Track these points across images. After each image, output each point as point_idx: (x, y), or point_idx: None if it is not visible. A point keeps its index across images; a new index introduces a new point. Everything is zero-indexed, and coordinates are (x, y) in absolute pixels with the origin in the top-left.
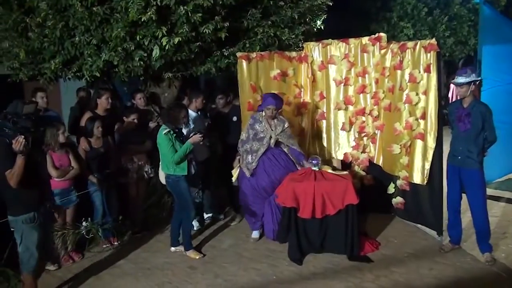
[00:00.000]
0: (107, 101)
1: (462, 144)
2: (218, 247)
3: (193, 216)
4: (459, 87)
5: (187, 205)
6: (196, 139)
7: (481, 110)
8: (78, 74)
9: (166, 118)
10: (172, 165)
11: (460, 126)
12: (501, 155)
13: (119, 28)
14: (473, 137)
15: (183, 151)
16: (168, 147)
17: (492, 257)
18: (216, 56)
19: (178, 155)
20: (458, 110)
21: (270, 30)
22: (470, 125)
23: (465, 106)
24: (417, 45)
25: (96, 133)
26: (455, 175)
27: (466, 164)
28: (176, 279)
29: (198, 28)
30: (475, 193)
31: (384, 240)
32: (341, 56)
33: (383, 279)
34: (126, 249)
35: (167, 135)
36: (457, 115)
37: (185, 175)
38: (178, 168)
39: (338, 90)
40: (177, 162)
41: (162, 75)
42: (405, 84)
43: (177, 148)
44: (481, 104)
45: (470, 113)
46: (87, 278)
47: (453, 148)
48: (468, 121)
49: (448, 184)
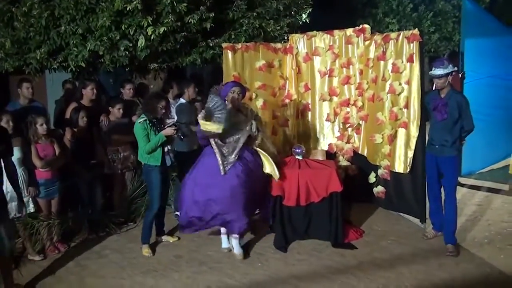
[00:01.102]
0: (92, 91)
1: (439, 133)
2: (203, 236)
3: (156, 210)
4: (437, 78)
5: (154, 197)
6: (169, 131)
7: (458, 100)
8: (64, 64)
9: (145, 108)
10: (146, 155)
11: (437, 116)
12: (483, 146)
13: (105, 17)
14: (449, 126)
15: (154, 142)
16: (142, 136)
17: (453, 248)
18: (202, 47)
19: (150, 145)
20: (436, 100)
21: (256, 22)
22: (447, 114)
23: (442, 96)
24: (400, 36)
25: (81, 123)
26: (432, 163)
27: (443, 152)
28: (161, 267)
29: (183, 18)
30: (448, 180)
31: (368, 228)
32: (326, 47)
33: (366, 264)
34: (111, 240)
35: (143, 124)
36: (434, 105)
37: (159, 166)
38: (152, 158)
39: (322, 81)
40: (149, 152)
41: (147, 66)
42: (388, 74)
43: (151, 138)
44: (457, 94)
45: (447, 103)
46: (73, 267)
47: (431, 137)
48: (445, 111)
49: (427, 172)
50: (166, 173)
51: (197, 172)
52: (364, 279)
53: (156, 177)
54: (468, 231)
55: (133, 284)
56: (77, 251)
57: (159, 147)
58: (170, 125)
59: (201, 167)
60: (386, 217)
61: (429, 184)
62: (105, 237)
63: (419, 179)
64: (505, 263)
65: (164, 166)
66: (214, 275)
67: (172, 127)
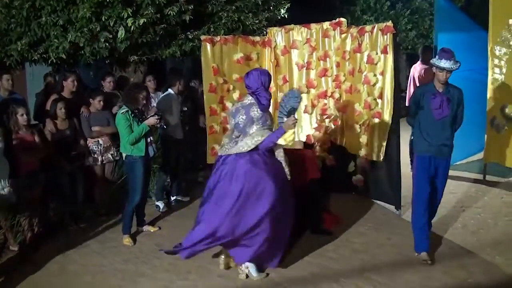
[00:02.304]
0: (73, 83)
1: (438, 132)
2: (184, 227)
3: (137, 201)
4: (446, 72)
5: (135, 188)
6: (152, 121)
7: (458, 95)
8: (45, 56)
9: (126, 99)
10: (129, 146)
11: (436, 114)
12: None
13: (85, 8)
14: (450, 123)
15: (138, 131)
16: (124, 127)
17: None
18: (181, 40)
19: (133, 136)
20: (435, 96)
21: (234, 15)
22: (449, 111)
23: (440, 91)
24: (375, 28)
25: (60, 114)
26: (427, 166)
27: (442, 152)
28: (143, 255)
29: (163, 10)
30: (442, 181)
31: (346, 216)
32: (303, 40)
33: (343, 249)
34: (93, 231)
35: (125, 115)
36: (434, 102)
37: (142, 157)
38: (135, 149)
39: (300, 74)
40: (132, 142)
41: (127, 58)
42: (364, 66)
43: (134, 129)
44: (455, 88)
45: (449, 99)
46: (54, 256)
47: (428, 137)
48: (448, 108)
49: (418, 177)
50: (149, 164)
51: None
52: (341, 261)
53: (140, 168)
54: (443, 217)
55: (115, 271)
56: (59, 241)
57: (142, 137)
58: (153, 114)
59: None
60: (363, 205)
61: (421, 191)
62: (86, 228)
63: (394, 167)
64: (478, 245)
65: (147, 156)
66: (195, 261)
67: (154, 116)
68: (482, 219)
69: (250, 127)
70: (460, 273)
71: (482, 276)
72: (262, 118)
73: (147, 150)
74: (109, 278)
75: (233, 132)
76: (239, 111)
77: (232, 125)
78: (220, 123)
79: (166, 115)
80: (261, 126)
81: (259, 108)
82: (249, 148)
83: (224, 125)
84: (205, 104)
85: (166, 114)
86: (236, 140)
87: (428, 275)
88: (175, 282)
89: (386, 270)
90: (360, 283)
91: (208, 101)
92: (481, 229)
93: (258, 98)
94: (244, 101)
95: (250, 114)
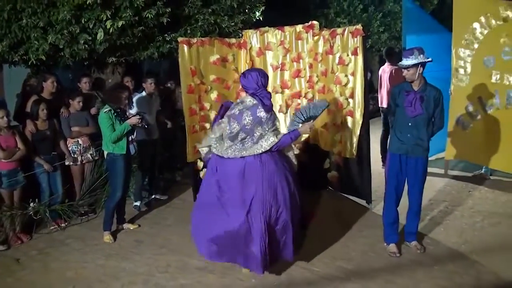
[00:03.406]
0: (53, 84)
1: (411, 130)
2: (163, 223)
3: (118, 198)
4: (406, 69)
5: (116, 185)
6: (134, 120)
7: (434, 95)
8: (25, 58)
9: (109, 98)
10: (111, 144)
11: (409, 111)
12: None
13: (65, 11)
14: (424, 123)
15: (120, 130)
16: (107, 125)
17: (420, 243)
18: (159, 41)
19: (115, 134)
20: (409, 94)
21: (211, 18)
22: (422, 110)
23: (415, 89)
24: (345, 31)
25: (41, 115)
26: (398, 165)
27: (414, 152)
28: (123, 251)
29: (141, 12)
30: (418, 181)
31: (319, 211)
32: (278, 43)
33: (317, 241)
34: (73, 230)
35: (108, 113)
36: (407, 99)
37: (123, 155)
38: (117, 147)
39: (275, 74)
40: (114, 141)
41: (106, 60)
42: (336, 67)
43: (116, 127)
44: (433, 88)
45: (422, 97)
46: (36, 255)
47: (400, 136)
48: (420, 106)
49: (390, 177)
50: (130, 162)
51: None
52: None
53: (121, 165)
54: None
55: (96, 267)
56: (40, 240)
57: (124, 136)
58: (135, 114)
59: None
60: (337, 201)
61: (391, 188)
62: (67, 227)
63: (365, 163)
64: (445, 234)
65: (128, 154)
66: (174, 255)
67: (136, 116)
68: (449, 211)
69: (257, 129)
70: (427, 261)
71: (448, 262)
72: (270, 118)
73: (128, 148)
74: (91, 274)
75: (238, 134)
76: (243, 113)
77: (236, 128)
78: (198, 122)
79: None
80: (270, 127)
81: (263, 109)
82: (265, 150)
83: (202, 124)
84: (184, 105)
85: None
86: (243, 141)
87: (396, 263)
88: (155, 275)
89: (356, 260)
90: (332, 271)
91: (187, 101)
92: (447, 220)
93: (261, 99)
94: (246, 103)
95: (257, 115)
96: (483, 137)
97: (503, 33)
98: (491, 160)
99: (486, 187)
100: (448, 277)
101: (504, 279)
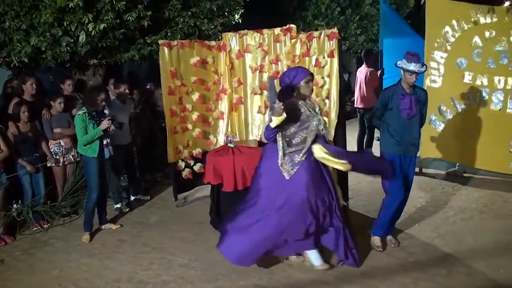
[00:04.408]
0: (32, 86)
1: (408, 131)
2: (145, 223)
3: (95, 198)
4: (413, 74)
5: (91, 186)
6: (105, 124)
7: (423, 96)
8: (7, 60)
9: (85, 100)
10: (83, 146)
11: (405, 114)
12: None
13: (48, 14)
14: (417, 123)
15: (91, 135)
16: (79, 127)
17: (395, 238)
18: (140, 44)
19: (86, 138)
20: (405, 97)
21: (191, 21)
22: (416, 111)
23: (408, 92)
24: (322, 34)
25: (23, 117)
26: (399, 165)
27: (409, 151)
28: (106, 250)
29: (122, 15)
30: (409, 179)
31: None
32: (256, 45)
33: None
34: (56, 230)
35: (82, 116)
36: (403, 102)
37: (96, 158)
38: (89, 150)
39: (254, 76)
40: (85, 143)
41: (87, 62)
42: (312, 69)
43: (89, 130)
44: (420, 89)
45: (417, 99)
46: (20, 256)
47: (397, 137)
48: (415, 107)
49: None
50: (103, 164)
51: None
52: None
53: (94, 168)
54: None
55: (80, 266)
56: (24, 242)
57: (96, 139)
58: (107, 119)
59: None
60: None
61: (397, 188)
62: (49, 228)
63: None
64: (419, 228)
65: (101, 158)
66: (157, 253)
67: (107, 120)
68: (424, 207)
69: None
70: (402, 254)
71: (422, 255)
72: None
73: (102, 151)
74: (76, 272)
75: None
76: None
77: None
78: (179, 123)
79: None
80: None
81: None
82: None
83: (183, 125)
84: (164, 106)
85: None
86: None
87: (372, 256)
88: (138, 273)
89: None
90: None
91: (167, 103)
92: (422, 215)
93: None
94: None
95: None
96: (456, 135)
97: (474, 35)
98: (463, 158)
99: (460, 184)
100: (421, 269)
101: (476, 269)
